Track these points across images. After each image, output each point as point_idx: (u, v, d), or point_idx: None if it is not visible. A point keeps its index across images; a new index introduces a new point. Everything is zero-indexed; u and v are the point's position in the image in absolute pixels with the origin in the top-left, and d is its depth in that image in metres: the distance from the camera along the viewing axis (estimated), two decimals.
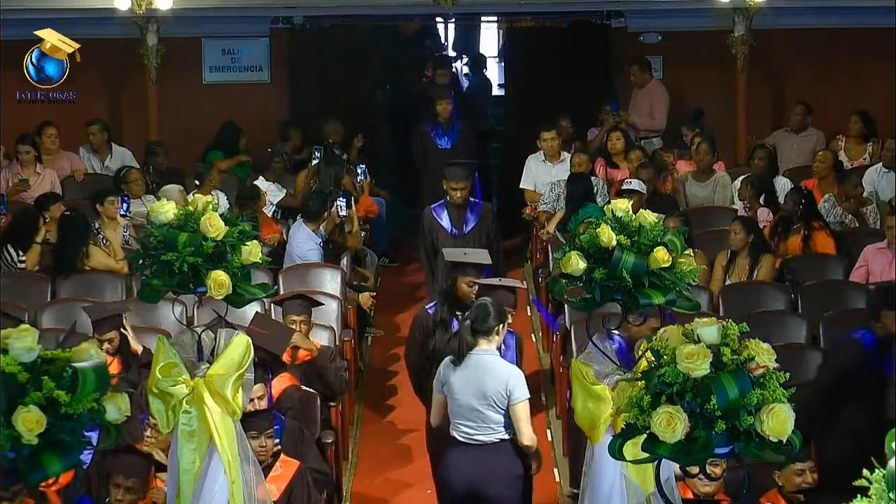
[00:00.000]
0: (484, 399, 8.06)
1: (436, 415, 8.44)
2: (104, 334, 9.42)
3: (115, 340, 9.47)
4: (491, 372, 8.09)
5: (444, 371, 8.27)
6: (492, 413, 8.06)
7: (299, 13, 15.86)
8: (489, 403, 8.05)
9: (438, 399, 8.34)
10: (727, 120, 15.08)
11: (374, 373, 12.55)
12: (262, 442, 7.86)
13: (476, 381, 8.08)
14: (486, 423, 8.08)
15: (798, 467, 7.76)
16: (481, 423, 8.09)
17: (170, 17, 14.29)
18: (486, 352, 8.14)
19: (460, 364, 8.16)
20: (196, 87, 15.96)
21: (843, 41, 15.66)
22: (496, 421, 8.07)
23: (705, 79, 15.69)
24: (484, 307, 8.19)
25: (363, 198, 13.89)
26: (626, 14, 15.94)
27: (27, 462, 5.09)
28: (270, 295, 8.00)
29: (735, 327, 5.40)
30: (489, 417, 8.07)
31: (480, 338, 8.14)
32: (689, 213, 12.62)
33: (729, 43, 14.79)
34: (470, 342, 8.14)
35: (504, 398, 8.04)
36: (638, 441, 5.42)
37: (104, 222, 12.10)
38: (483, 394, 8.06)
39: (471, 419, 8.11)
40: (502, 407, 8.06)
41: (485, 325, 8.12)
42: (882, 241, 11.72)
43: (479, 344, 8.14)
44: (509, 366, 8.25)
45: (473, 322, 8.17)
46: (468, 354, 8.14)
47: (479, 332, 8.14)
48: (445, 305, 9.34)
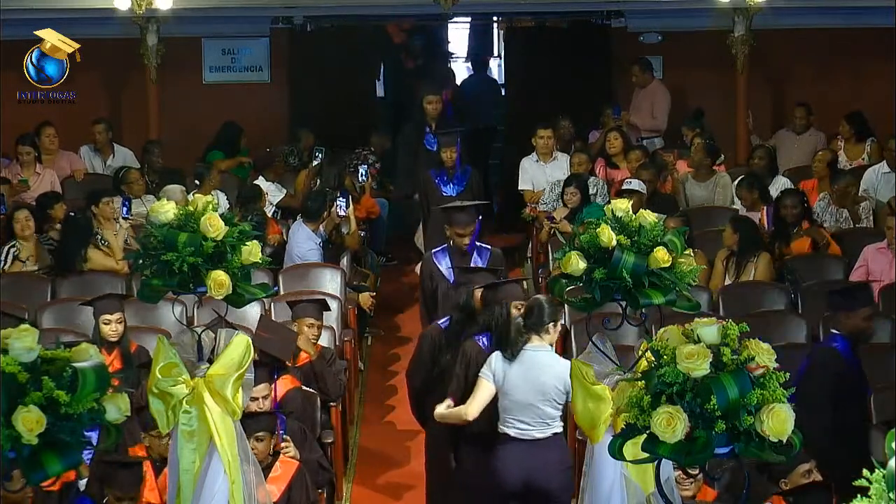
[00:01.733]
0: (542, 395, 8.16)
1: (479, 406, 8.35)
2: (113, 313, 9.51)
3: (122, 320, 9.58)
4: (549, 368, 8.18)
5: (496, 364, 8.32)
6: (549, 408, 8.17)
7: (299, 13, 15.85)
8: (547, 399, 8.16)
9: (489, 388, 8.31)
10: (727, 120, 15.08)
11: (374, 373, 12.55)
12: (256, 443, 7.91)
13: (533, 377, 8.17)
14: (543, 419, 8.18)
15: (804, 469, 7.73)
16: (538, 418, 8.18)
17: (170, 17, 14.28)
18: (540, 348, 8.23)
19: (515, 359, 8.22)
20: (196, 87, 15.96)
21: (843, 41, 15.65)
22: (552, 416, 8.19)
23: (705, 79, 15.69)
24: (539, 304, 8.28)
25: (365, 198, 13.88)
26: (626, 14, 15.93)
27: (27, 462, 5.09)
28: (270, 295, 8.00)
29: (735, 327, 5.40)
30: (546, 413, 8.17)
31: (534, 334, 8.23)
32: (689, 213, 12.62)
33: (729, 43, 14.78)
34: (524, 338, 8.22)
35: (562, 393, 8.13)
36: (638, 441, 5.43)
37: (101, 223, 12.10)
38: (541, 390, 8.15)
39: (527, 415, 8.19)
40: (560, 402, 8.17)
41: (539, 322, 8.21)
42: (882, 241, 11.72)
43: (533, 340, 8.23)
44: (564, 361, 8.30)
45: (527, 318, 8.25)
46: (522, 350, 8.21)
47: (533, 329, 8.22)
48: (461, 320, 9.05)
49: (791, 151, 14.69)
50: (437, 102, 14.01)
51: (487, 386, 8.32)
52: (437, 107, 14.00)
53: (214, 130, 15.06)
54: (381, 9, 15.48)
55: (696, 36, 15.60)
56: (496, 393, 8.30)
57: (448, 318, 9.24)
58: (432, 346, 9.15)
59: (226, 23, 15.72)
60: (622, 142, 14.02)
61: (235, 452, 6.99)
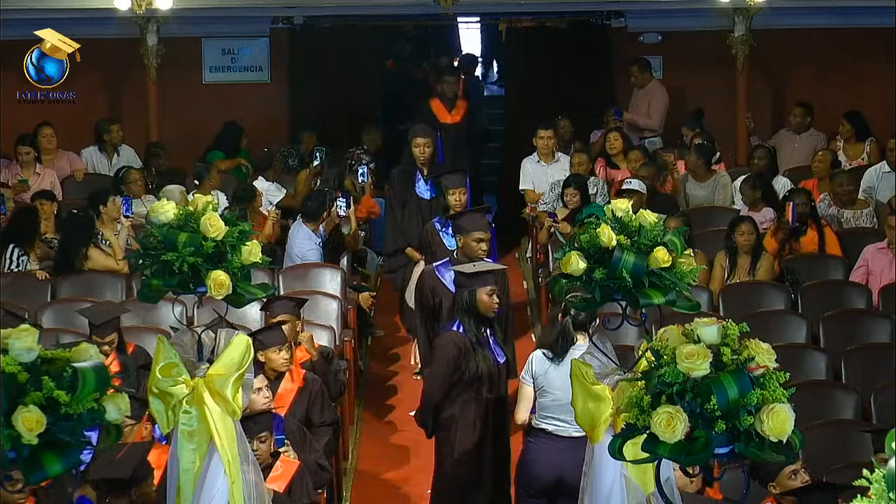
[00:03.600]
0: None
1: (525, 409, 8.52)
2: (105, 337, 9.45)
3: (114, 342, 9.53)
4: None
5: (538, 366, 8.39)
6: None
7: (299, 13, 15.86)
8: None
9: (529, 392, 8.44)
10: (727, 120, 15.08)
11: (374, 373, 12.55)
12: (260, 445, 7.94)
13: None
14: None
15: (790, 470, 7.72)
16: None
17: (170, 17, 14.29)
18: (584, 346, 8.20)
19: (562, 359, 8.25)
20: (196, 87, 15.96)
21: (843, 41, 15.66)
22: None
23: (705, 79, 15.69)
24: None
25: (365, 198, 13.87)
26: (626, 14, 15.94)
27: (27, 462, 5.09)
28: (270, 295, 8.00)
29: (735, 327, 5.40)
30: None
31: (579, 333, 8.27)
32: (689, 213, 12.63)
33: (729, 43, 14.79)
34: (572, 337, 8.26)
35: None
36: (638, 441, 5.42)
37: (104, 223, 12.10)
38: None
39: (569, 413, 8.15)
40: None
41: (590, 320, 8.24)
42: (882, 241, 11.74)
43: (578, 339, 8.28)
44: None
45: (575, 318, 8.26)
46: (570, 350, 8.25)
47: (582, 327, 8.27)
48: (472, 323, 8.89)
49: (791, 151, 14.69)
50: (425, 146, 12.25)
51: (528, 390, 8.49)
52: (425, 150, 12.23)
53: (214, 130, 15.05)
54: (381, 9, 15.48)
55: (696, 36, 15.61)
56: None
57: (457, 323, 8.94)
58: (458, 351, 8.84)
59: (226, 23, 15.73)
60: (622, 142, 14.03)
61: (235, 452, 6.98)
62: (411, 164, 12.36)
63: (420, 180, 12.28)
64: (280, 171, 14.18)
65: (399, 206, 12.33)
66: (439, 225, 11.21)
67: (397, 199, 12.37)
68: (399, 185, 12.43)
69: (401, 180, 12.45)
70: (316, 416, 9.12)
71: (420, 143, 12.29)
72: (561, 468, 8.22)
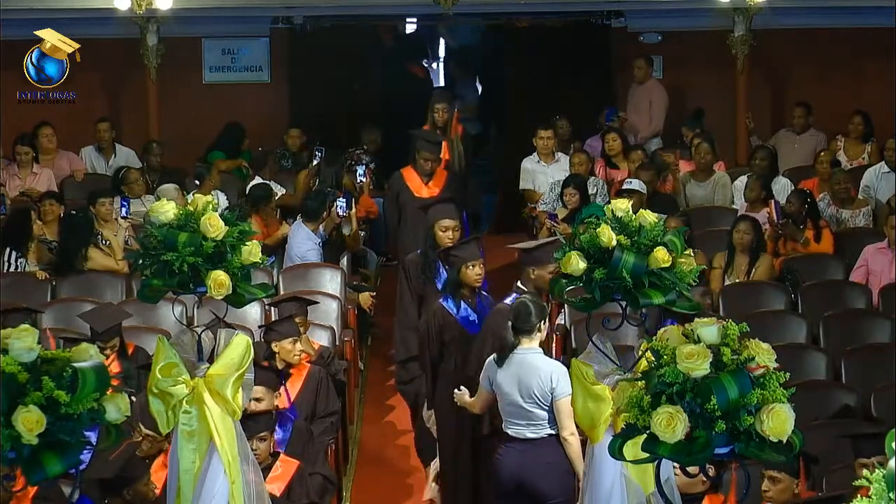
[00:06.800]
0: (530, 398, 8.18)
1: (482, 407, 8.62)
2: (108, 342, 9.47)
3: (116, 346, 9.57)
4: (536, 370, 8.20)
5: (489, 370, 8.40)
6: (538, 410, 8.18)
7: (299, 13, 15.86)
8: (535, 401, 8.17)
9: (485, 396, 8.48)
10: (727, 120, 15.09)
11: (374, 373, 12.55)
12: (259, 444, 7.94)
13: (521, 380, 8.20)
14: (534, 421, 8.20)
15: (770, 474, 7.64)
16: (529, 420, 8.20)
17: (170, 17, 14.29)
18: (529, 350, 8.25)
19: (504, 364, 8.26)
20: (196, 87, 15.96)
21: (843, 41, 15.66)
22: (542, 418, 8.19)
23: (705, 79, 15.69)
24: (525, 305, 8.29)
25: (364, 198, 13.87)
26: (626, 14, 15.93)
27: (27, 462, 5.09)
28: (270, 295, 8.01)
29: (735, 327, 5.40)
30: (536, 415, 8.19)
31: (523, 336, 8.25)
32: (690, 213, 12.63)
33: (729, 43, 14.79)
34: (512, 342, 8.24)
35: (548, 395, 8.16)
36: (638, 441, 5.43)
37: (100, 223, 12.10)
38: (529, 392, 8.18)
39: (520, 417, 8.23)
40: (546, 403, 8.18)
41: (527, 324, 8.22)
42: (882, 241, 11.74)
43: (522, 343, 8.25)
44: (552, 362, 8.35)
45: (515, 321, 8.26)
46: (511, 354, 8.24)
47: (521, 331, 8.24)
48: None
49: (791, 151, 14.69)
50: (454, 229, 10.24)
51: (485, 394, 8.50)
52: (454, 235, 10.19)
53: (214, 130, 15.06)
54: (381, 9, 15.49)
55: (696, 36, 15.61)
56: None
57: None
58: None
59: (226, 23, 15.73)
60: (621, 143, 14.03)
61: (235, 452, 6.99)
62: (433, 251, 10.15)
63: (443, 272, 9.96)
64: (276, 171, 14.17)
65: (413, 302, 10.20)
66: (445, 302, 9.42)
67: (412, 292, 10.25)
68: (415, 277, 10.25)
69: (417, 271, 10.27)
70: (321, 406, 9.18)
71: (448, 225, 10.15)
72: (520, 470, 8.20)
